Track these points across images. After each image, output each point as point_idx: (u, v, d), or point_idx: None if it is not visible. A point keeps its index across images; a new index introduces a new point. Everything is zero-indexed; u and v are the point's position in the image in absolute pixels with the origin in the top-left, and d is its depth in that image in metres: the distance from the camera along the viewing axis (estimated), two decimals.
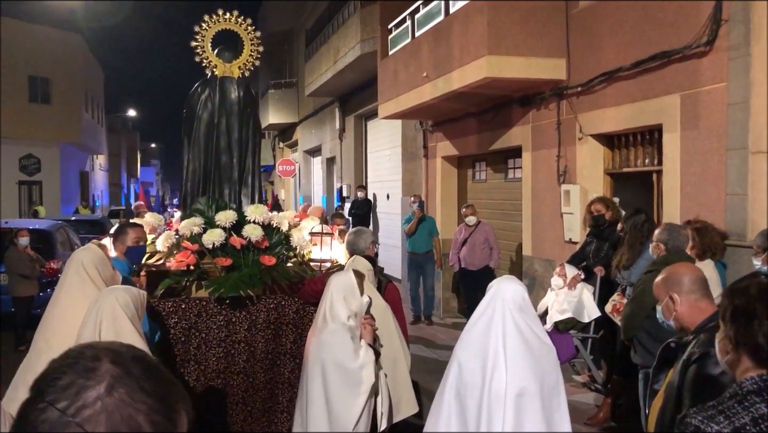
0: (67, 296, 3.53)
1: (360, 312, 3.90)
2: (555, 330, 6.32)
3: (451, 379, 3.13)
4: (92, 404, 0.98)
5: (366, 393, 3.71)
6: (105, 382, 1.01)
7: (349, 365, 3.73)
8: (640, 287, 4.73)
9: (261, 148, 6.12)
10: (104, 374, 1.01)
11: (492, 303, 3.15)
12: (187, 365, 4.87)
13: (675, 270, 2.89)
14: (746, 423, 1.73)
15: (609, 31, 7.12)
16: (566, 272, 6.59)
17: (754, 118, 5.34)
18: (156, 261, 5.15)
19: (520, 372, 2.98)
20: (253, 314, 4.99)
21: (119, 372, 1.02)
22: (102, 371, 1.02)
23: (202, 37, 5.53)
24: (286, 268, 5.15)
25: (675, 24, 6.13)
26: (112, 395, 1.00)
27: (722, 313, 1.98)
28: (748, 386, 1.80)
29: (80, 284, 3.55)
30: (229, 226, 5.08)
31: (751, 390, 1.78)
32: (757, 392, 1.77)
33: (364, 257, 4.76)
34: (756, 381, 1.79)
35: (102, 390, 1.00)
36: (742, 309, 1.91)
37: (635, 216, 5.94)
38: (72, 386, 1.00)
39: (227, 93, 5.57)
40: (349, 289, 3.91)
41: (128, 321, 2.89)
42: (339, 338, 3.78)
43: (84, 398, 0.99)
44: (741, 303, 1.93)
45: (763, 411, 1.74)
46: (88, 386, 1.00)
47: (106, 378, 1.01)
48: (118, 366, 1.03)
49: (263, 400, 5.04)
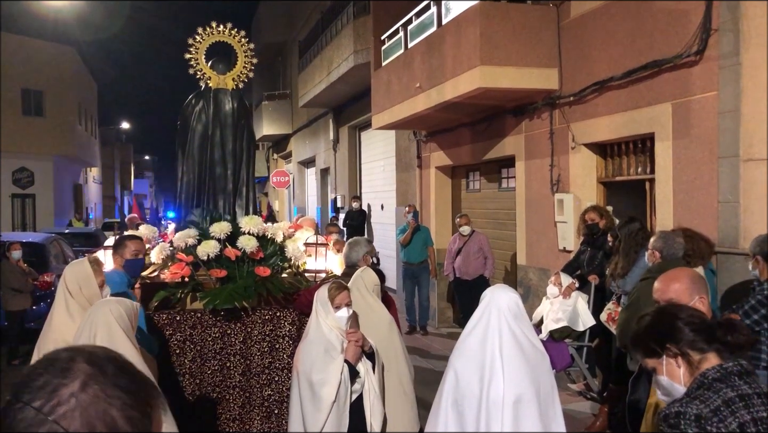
0: (57, 314, 3.56)
1: (337, 325, 3.86)
2: (550, 339, 6.33)
3: (447, 388, 3.13)
4: (66, 401, 1.00)
5: (325, 410, 3.67)
6: (79, 379, 1.02)
7: (312, 378, 3.71)
8: (635, 294, 4.75)
9: (255, 159, 6.13)
10: (78, 373, 1.03)
11: (487, 311, 3.15)
12: (182, 379, 4.85)
13: (668, 276, 2.91)
14: (719, 405, 1.96)
15: (600, 41, 7.17)
16: (561, 280, 6.61)
17: (744, 126, 5.38)
18: (150, 273, 5.14)
19: (517, 379, 2.99)
20: (249, 326, 4.97)
21: (93, 370, 1.04)
22: (76, 369, 1.04)
23: (196, 49, 5.55)
24: (281, 279, 5.15)
25: (665, 33, 6.18)
26: (86, 391, 1.01)
27: (649, 343, 2.22)
28: (712, 374, 2.04)
29: (64, 302, 3.57)
30: (223, 237, 5.08)
31: (716, 378, 2.03)
32: (721, 379, 2.02)
33: (372, 267, 4.72)
34: (717, 370, 2.04)
35: (76, 387, 1.01)
36: (658, 322, 2.20)
37: (629, 224, 5.96)
38: (47, 385, 1.02)
39: (221, 105, 5.58)
40: (322, 301, 3.90)
41: (122, 333, 2.89)
42: (312, 348, 3.77)
43: (58, 396, 1.01)
44: (652, 322, 2.23)
45: (730, 395, 1.98)
46: (63, 384, 1.02)
47: (80, 376, 1.03)
48: (93, 365, 1.05)
49: (261, 418, 4.99)
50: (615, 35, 6.92)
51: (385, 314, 4.32)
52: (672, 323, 2.14)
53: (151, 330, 4.41)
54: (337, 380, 3.69)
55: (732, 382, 2.00)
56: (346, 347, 3.80)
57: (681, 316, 2.15)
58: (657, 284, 2.92)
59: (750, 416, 1.92)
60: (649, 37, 6.41)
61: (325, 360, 3.73)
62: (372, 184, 15.72)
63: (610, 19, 7.01)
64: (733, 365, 2.03)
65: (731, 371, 2.02)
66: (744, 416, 1.92)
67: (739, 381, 2.00)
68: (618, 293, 5.89)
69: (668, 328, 2.14)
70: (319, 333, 3.83)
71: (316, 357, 3.75)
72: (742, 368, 2.04)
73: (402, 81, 10.08)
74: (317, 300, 3.94)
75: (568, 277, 6.65)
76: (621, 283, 5.76)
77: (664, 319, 2.18)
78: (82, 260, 3.91)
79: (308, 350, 3.81)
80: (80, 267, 3.77)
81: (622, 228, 5.97)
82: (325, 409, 3.67)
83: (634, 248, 5.78)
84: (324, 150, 18.82)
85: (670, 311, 2.22)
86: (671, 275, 2.92)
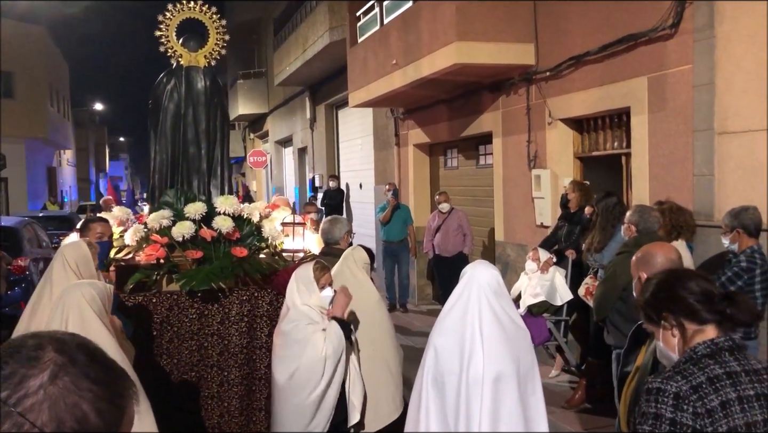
0: (57, 288, 3.46)
1: (320, 304, 3.84)
2: (528, 314, 6.37)
3: (428, 365, 3.12)
4: (34, 393, 0.96)
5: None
6: (48, 370, 0.98)
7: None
8: (611, 268, 4.77)
9: (230, 138, 6.04)
10: (47, 363, 0.99)
11: (467, 288, 3.14)
12: (159, 359, 4.81)
13: (648, 250, 2.91)
14: (702, 382, 1.92)
15: (576, 16, 7.14)
16: (539, 255, 6.64)
17: (719, 99, 5.40)
18: (125, 255, 5.06)
19: (496, 356, 2.98)
20: (226, 307, 4.93)
21: (63, 360, 1.00)
22: (45, 359, 0.99)
23: (167, 26, 5.42)
24: (258, 259, 5.11)
25: (641, 7, 6.17)
26: (56, 383, 0.97)
27: (647, 310, 2.20)
28: (701, 350, 2.00)
29: (66, 278, 3.49)
30: (198, 218, 5.01)
31: (705, 354, 1.99)
32: (710, 355, 1.98)
33: (363, 247, 4.67)
34: (708, 345, 2.00)
35: (45, 378, 0.97)
36: (660, 290, 2.14)
37: (606, 199, 5.98)
38: (14, 375, 0.97)
39: (193, 83, 5.47)
40: (306, 281, 3.86)
41: (95, 316, 2.83)
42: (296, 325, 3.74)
43: (26, 388, 0.97)
44: (655, 288, 2.17)
45: (717, 372, 1.94)
46: (31, 375, 0.98)
47: (50, 366, 0.99)
48: (62, 354, 1.01)
49: (240, 397, 4.97)
50: (591, 9, 6.90)
51: (374, 291, 4.30)
52: (672, 292, 2.10)
53: (125, 312, 4.35)
54: (323, 344, 3.68)
55: (722, 358, 1.97)
56: (334, 298, 3.78)
57: (683, 284, 2.09)
58: (634, 257, 2.93)
59: (736, 394, 1.90)
60: (624, 11, 6.40)
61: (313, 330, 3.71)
62: (350, 163, 15.64)
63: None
64: (725, 340, 2.00)
65: (722, 346, 1.99)
66: (729, 393, 1.89)
67: (729, 357, 1.97)
68: (595, 267, 5.93)
69: (667, 297, 2.10)
70: (299, 313, 3.80)
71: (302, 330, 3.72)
72: (734, 343, 2.01)
73: (378, 58, 9.99)
74: (298, 280, 3.90)
75: (545, 252, 6.68)
76: (598, 257, 5.79)
77: (664, 287, 2.13)
78: (78, 241, 3.87)
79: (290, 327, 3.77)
80: (81, 248, 3.74)
81: (599, 203, 6.00)
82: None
83: (611, 222, 5.81)
84: (301, 129, 18.67)
85: (673, 278, 2.15)
86: (647, 249, 2.93)
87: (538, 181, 7.82)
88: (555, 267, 6.54)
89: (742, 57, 5.20)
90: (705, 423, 1.86)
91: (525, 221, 8.27)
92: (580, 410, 5.99)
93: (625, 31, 6.34)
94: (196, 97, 5.47)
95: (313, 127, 17.31)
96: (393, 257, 10.51)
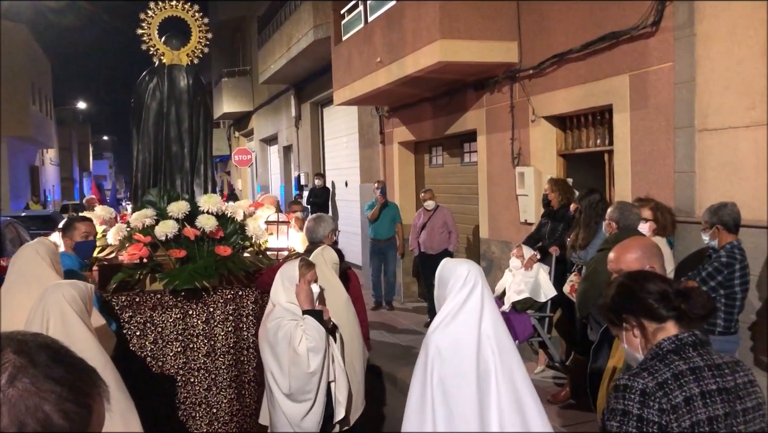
0: (23, 283, 3.42)
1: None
2: (513, 310, 6.41)
3: (434, 367, 2.83)
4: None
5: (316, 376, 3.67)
6: (6, 373, 0.97)
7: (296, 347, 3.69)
8: (592, 265, 4.81)
9: (213, 136, 6.02)
10: (6, 365, 0.97)
11: (477, 287, 2.88)
12: (144, 362, 4.78)
13: (620, 248, 2.94)
14: (668, 378, 1.95)
15: (559, 14, 7.18)
16: (523, 252, 6.68)
17: (699, 96, 5.45)
18: (108, 255, 5.03)
19: (506, 349, 2.81)
20: (210, 306, 4.91)
21: (23, 362, 0.98)
22: (3, 361, 0.98)
23: (148, 24, 5.40)
24: (243, 258, 5.09)
25: (622, 5, 6.21)
26: (15, 385, 0.96)
27: (609, 314, 2.24)
28: (666, 345, 2.04)
29: (38, 269, 3.46)
30: (182, 217, 5.00)
31: (670, 349, 2.03)
32: (675, 351, 2.02)
33: (332, 246, 4.68)
34: (673, 341, 2.04)
35: (3, 381, 0.96)
36: (618, 293, 2.19)
37: (590, 196, 6.03)
38: None
39: (176, 81, 5.46)
40: (291, 279, 3.87)
41: (77, 317, 2.81)
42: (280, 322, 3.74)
43: None
44: (614, 292, 2.21)
45: (681, 368, 1.98)
46: None
47: (8, 368, 0.97)
48: (22, 355, 0.99)
49: (229, 401, 4.93)
50: (573, 7, 6.93)
51: (342, 292, 4.30)
52: (630, 294, 2.14)
53: (107, 313, 4.33)
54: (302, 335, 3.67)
55: (686, 354, 2.01)
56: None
57: (640, 285, 2.14)
58: (611, 254, 2.95)
59: (699, 389, 1.93)
60: (606, 9, 6.44)
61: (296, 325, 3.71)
62: (335, 161, 15.62)
63: None
64: (688, 336, 2.04)
65: (686, 342, 2.03)
66: (693, 389, 1.93)
67: (692, 353, 2.01)
68: (579, 264, 5.97)
69: (625, 299, 2.15)
70: (283, 310, 3.80)
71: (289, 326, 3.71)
72: (697, 339, 2.04)
73: (363, 56, 9.99)
74: (284, 278, 3.89)
75: (529, 249, 6.72)
76: (582, 254, 5.83)
77: (622, 290, 2.18)
78: (42, 238, 3.86)
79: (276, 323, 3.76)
80: (50, 244, 3.74)
81: (582, 200, 6.04)
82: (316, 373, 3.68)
83: (594, 219, 5.85)
84: (286, 127, 18.62)
85: (629, 281, 2.21)
86: (624, 245, 2.95)
87: (522, 178, 7.86)
88: (539, 264, 6.58)
89: (721, 55, 5.26)
90: (670, 419, 1.89)
91: (509, 218, 8.31)
92: (565, 405, 6.03)
93: (607, 29, 6.38)
94: (179, 95, 5.45)
95: (298, 126, 17.26)
96: (380, 255, 10.52)
